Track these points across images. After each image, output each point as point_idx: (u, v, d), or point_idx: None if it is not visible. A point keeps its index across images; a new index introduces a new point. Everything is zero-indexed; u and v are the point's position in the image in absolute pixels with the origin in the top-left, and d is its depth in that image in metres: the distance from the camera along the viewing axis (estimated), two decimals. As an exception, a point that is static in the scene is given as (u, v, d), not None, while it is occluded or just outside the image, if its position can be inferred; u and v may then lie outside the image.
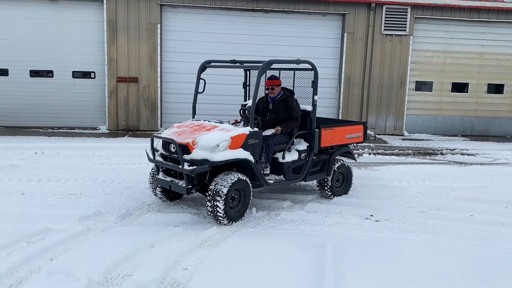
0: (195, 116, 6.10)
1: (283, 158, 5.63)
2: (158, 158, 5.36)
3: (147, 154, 5.50)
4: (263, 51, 12.13)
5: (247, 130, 5.21)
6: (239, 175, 5.08)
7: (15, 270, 3.75)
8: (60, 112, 12.13)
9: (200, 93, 6.07)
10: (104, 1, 11.56)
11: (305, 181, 6.05)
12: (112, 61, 11.85)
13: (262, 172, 5.44)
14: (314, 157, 5.98)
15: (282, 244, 4.50)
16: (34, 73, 11.92)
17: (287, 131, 5.77)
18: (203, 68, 6.08)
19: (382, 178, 7.54)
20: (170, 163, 5.17)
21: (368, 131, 12.41)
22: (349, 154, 6.65)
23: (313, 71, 5.86)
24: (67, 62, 11.95)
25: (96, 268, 3.77)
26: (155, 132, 11.79)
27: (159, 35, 11.90)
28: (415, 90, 13.27)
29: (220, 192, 4.88)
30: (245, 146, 5.15)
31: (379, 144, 11.30)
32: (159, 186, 5.60)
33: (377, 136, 12.45)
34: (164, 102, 12.40)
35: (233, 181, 4.97)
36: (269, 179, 5.54)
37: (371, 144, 11.16)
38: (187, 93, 12.07)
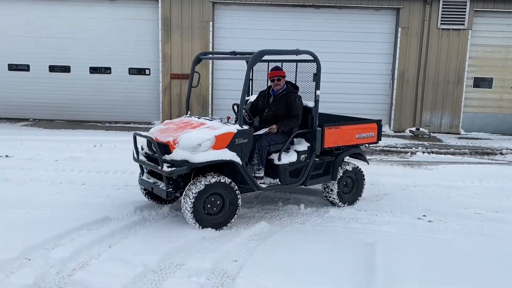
0: (189, 112, 5.79)
1: (279, 159, 5.09)
2: (141, 157, 5.01)
3: (132, 153, 5.14)
4: (314, 47, 11.92)
5: (234, 128, 4.74)
6: (218, 178, 4.62)
7: (78, 255, 4.00)
8: (117, 107, 12.68)
9: (194, 87, 5.73)
10: (159, 0, 11.93)
11: (305, 186, 5.45)
12: (166, 58, 12.22)
13: (254, 175, 4.96)
14: (317, 159, 5.41)
15: (330, 242, 4.49)
16: (93, 70, 12.52)
17: (285, 130, 5.20)
18: (197, 60, 5.63)
19: (436, 177, 7.29)
20: (151, 163, 4.81)
21: (422, 129, 12.03)
22: (360, 156, 6.00)
23: (315, 63, 5.28)
24: (123, 59, 12.45)
25: (150, 256, 3.94)
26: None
27: (211, 33, 12.12)
28: (473, 87, 12.65)
29: (190, 195, 4.52)
30: (231, 146, 4.68)
31: (434, 143, 10.91)
32: (143, 187, 5.32)
33: (432, 134, 12.03)
34: (215, 98, 12.63)
35: (206, 184, 4.55)
36: (263, 183, 5.05)
37: (425, 143, 10.80)
38: (237, 89, 12.23)
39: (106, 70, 12.55)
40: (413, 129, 12.20)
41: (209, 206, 4.67)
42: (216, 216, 4.72)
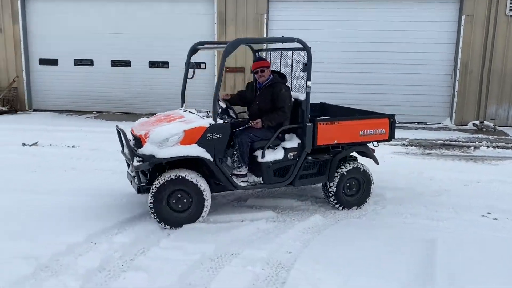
0: (184, 104, 5.61)
1: (262, 157, 4.77)
2: (126, 150, 4.86)
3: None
4: (372, 38, 11.78)
5: (207, 123, 4.51)
6: (179, 174, 4.43)
7: (139, 241, 4.19)
8: (173, 100, 13.00)
9: (189, 78, 5.49)
10: (215, -6, 12.12)
11: (294, 186, 5.07)
12: (220, 52, 12.38)
13: (236, 172, 4.77)
14: (310, 157, 4.98)
15: (387, 237, 4.39)
16: (152, 64, 12.95)
17: (271, 125, 4.86)
18: (193, 50, 5.45)
19: (501, 173, 6.88)
20: (128, 157, 4.72)
21: (486, 122, 11.38)
22: (366, 155, 5.40)
23: (305, 52, 4.82)
24: (180, 54, 12.75)
25: (208, 245, 4.06)
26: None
27: (265, 25, 12.14)
28: (545, 77, 11.78)
29: (151, 190, 4.43)
30: (202, 142, 4.45)
31: (499, 137, 10.29)
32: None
33: (497, 128, 11.35)
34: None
35: (167, 180, 4.39)
36: (245, 181, 4.82)
37: (490, 137, 10.22)
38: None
39: (164, 64, 12.93)
40: (477, 122, 11.56)
41: (174, 202, 4.49)
42: (181, 214, 4.54)
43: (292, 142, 4.95)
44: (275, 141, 4.91)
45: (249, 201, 5.40)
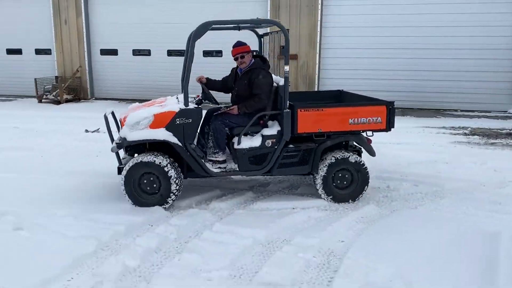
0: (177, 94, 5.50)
1: (238, 143, 4.71)
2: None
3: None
4: (437, 21, 11.21)
5: (177, 107, 4.58)
6: (146, 157, 4.55)
7: (193, 224, 4.31)
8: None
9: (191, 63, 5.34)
10: (268, -19, 12.04)
11: (272, 175, 4.97)
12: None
13: (203, 158, 4.72)
14: (292, 146, 4.81)
15: (445, 229, 4.19)
16: (206, 53, 13.13)
17: (247, 112, 4.76)
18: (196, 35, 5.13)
19: None
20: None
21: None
22: (359, 146, 5.03)
23: (283, 34, 4.67)
24: (233, 41, 12.83)
25: (259, 230, 4.09)
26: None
27: (319, 11, 11.91)
28: None
29: (123, 173, 4.59)
30: (170, 126, 4.52)
31: None
32: None
33: None
34: (322, 79, 12.45)
35: (135, 163, 4.54)
36: (219, 167, 4.79)
37: None
38: (347, 68, 12.00)
39: (218, 53, 13.07)
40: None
41: (145, 182, 4.62)
42: (151, 196, 4.65)
43: (272, 129, 4.81)
44: (256, 128, 4.82)
45: (300, 189, 5.37)
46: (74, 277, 3.33)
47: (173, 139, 4.56)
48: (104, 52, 13.88)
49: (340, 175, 4.87)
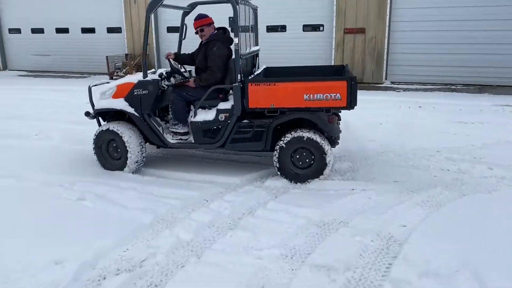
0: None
1: (194, 116, 4.80)
2: None
3: None
4: None
5: (136, 79, 4.89)
6: (108, 126, 4.96)
7: (247, 201, 4.25)
8: (289, 64, 12.94)
9: (183, 39, 5.49)
10: (336, -49, 11.47)
11: (226, 149, 4.87)
12: (340, 12, 11.82)
13: (160, 129, 4.89)
14: (246, 121, 4.68)
15: (523, 217, 3.79)
16: (270, 29, 12.92)
17: (201, 84, 4.76)
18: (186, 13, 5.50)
19: None
20: None
21: None
22: (315, 123, 4.62)
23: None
24: (298, 17, 12.51)
25: (315, 210, 3.94)
26: (378, 85, 11.48)
27: (390, -19, 11.20)
28: None
29: (93, 138, 5.09)
30: (129, 97, 4.86)
31: None
32: None
33: None
34: (391, 53, 11.79)
35: (101, 130, 5.00)
36: (180, 139, 4.93)
37: None
38: (418, 42, 11.24)
39: (282, 28, 12.81)
40: None
41: (111, 149, 5.05)
42: (115, 161, 5.07)
43: (227, 103, 4.77)
44: (215, 102, 4.81)
45: (361, 171, 5.11)
46: (129, 248, 3.41)
47: (130, 109, 4.89)
48: (171, 30, 14.14)
49: (298, 154, 4.65)
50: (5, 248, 3.39)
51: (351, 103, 4.43)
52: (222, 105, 4.78)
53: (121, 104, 4.92)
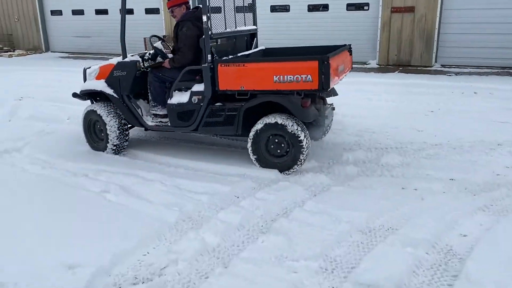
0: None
1: (169, 98, 4.66)
2: None
3: None
4: None
5: (116, 60, 4.90)
6: (92, 107, 4.98)
7: (282, 200, 3.80)
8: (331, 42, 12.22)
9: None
10: None
11: (199, 133, 4.70)
12: None
13: (139, 111, 4.86)
14: (219, 104, 4.45)
15: None
16: (312, 7, 12.23)
17: (175, 66, 4.65)
18: None
19: None
20: None
21: None
22: (286, 107, 4.22)
23: None
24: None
25: (359, 213, 3.46)
26: (428, 68, 10.64)
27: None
28: None
29: (81, 118, 5.14)
30: (109, 78, 4.88)
31: None
32: None
33: None
34: (442, 34, 10.85)
35: (87, 111, 5.02)
36: (160, 121, 4.85)
37: None
38: (473, 21, 10.27)
39: (324, 7, 12.09)
40: None
41: (97, 130, 5.08)
42: (100, 142, 5.08)
43: (201, 85, 4.51)
44: (191, 84, 4.60)
45: (413, 165, 4.55)
46: (150, 251, 3.08)
47: (109, 90, 4.87)
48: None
49: (272, 141, 4.33)
50: (18, 247, 3.13)
51: (323, 86, 3.96)
52: (196, 87, 4.56)
53: (101, 85, 4.94)
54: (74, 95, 5.28)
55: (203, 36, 4.34)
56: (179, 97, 4.63)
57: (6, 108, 7.52)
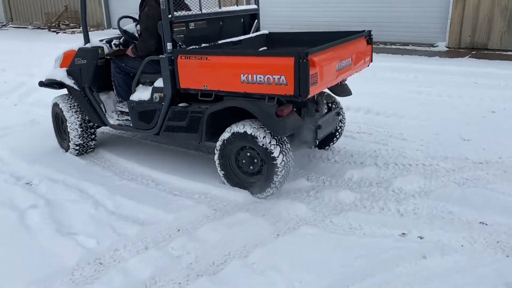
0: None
1: (132, 93, 3.88)
2: None
3: None
4: None
5: (77, 46, 4.14)
6: (55, 100, 4.36)
7: (227, 243, 2.82)
8: (395, 25, 10.56)
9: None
10: None
11: (160, 138, 4.16)
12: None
13: (102, 107, 4.12)
14: (183, 105, 3.58)
15: None
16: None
17: (138, 54, 3.80)
18: None
19: None
20: None
21: None
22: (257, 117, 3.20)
23: None
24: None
25: (315, 277, 2.36)
26: (507, 53, 8.74)
27: None
28: None
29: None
30: (71, 66, 4.15)
31: None
32: None
33: None
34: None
35: (53, 104, 4.41)
36: (124, 120, 4.07)
37: None
38: None
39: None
40: None
41: (60, 126, 4.51)
42: (64, 139, 4.45)
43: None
44: (156, 77, 3.69)
45: (438, 200, 3.30)
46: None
47: (69, 81, 4.17)
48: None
49: (243, 155, 3.40)
50: None
51: (300, 91, 2.90)
52: (159, 83, 3.69)
53: (61, 75, 4.22)
54: (41, 84, 4.53)
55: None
56: (141, 93, 3.84)
57: (22, 90, 7.24)
